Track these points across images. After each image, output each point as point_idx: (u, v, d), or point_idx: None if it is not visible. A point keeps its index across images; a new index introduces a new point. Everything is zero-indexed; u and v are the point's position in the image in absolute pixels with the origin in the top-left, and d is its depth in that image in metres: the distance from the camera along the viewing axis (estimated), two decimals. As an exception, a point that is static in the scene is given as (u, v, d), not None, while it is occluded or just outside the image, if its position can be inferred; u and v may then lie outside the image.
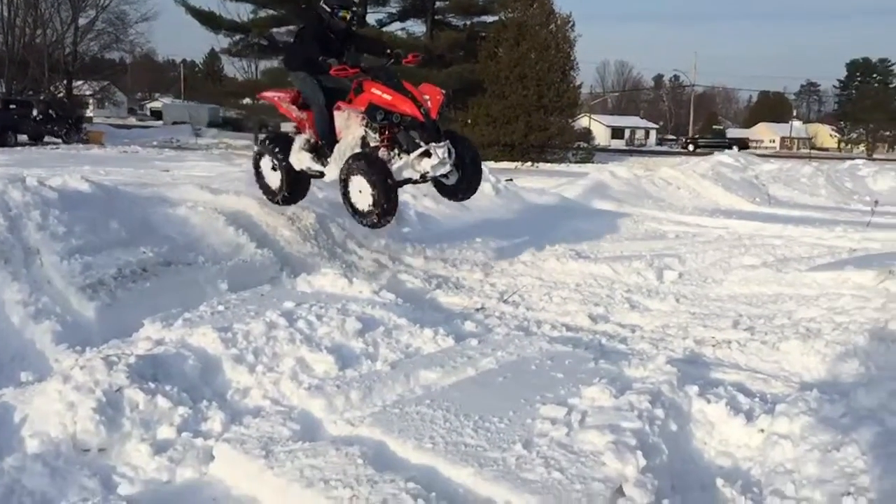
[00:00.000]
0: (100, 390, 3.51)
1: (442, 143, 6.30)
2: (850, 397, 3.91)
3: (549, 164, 32.50)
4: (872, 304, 5.92)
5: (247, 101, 39.43)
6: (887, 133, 68.03)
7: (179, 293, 5.50)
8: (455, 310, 6.28)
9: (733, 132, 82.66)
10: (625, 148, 54.45)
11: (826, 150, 69.04)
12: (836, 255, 8.23)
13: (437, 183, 6.89)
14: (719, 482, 3.22)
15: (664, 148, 60.87)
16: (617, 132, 76.90)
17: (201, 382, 3.96)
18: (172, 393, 3.67)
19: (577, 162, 34.45)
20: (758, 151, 45.41)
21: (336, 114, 6.67)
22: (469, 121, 32.61)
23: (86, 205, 6.25)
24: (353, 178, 6.28)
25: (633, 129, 79.58)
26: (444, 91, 6.47)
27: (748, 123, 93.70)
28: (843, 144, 71.33)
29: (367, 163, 6.22)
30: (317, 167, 6.98)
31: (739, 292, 6.91)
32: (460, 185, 6.81)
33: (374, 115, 6.23)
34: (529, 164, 31.88)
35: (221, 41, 40.01)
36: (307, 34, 6.97)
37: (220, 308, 4.97)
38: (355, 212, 6.44)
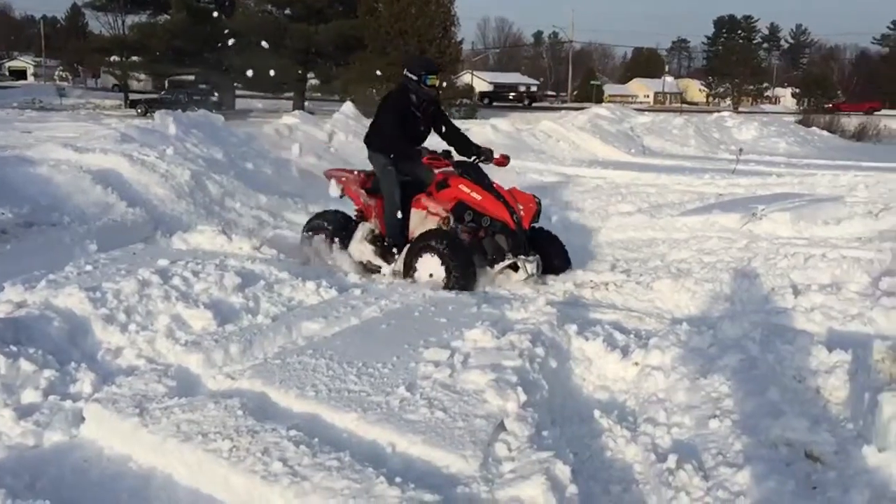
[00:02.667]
0: (-45, 356, 3.28)
1: (532, 258, 5.59)
2: (717, 329, 4.14)
3: (432, 121, 32.41)
4: (737, 245, 6.29)
5: (114, 58, 37.39)
6: (751, 87, 71.35)
7: (43, 255, 5.22)
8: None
9: (610, 88, 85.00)
10: (506, 104, 54.97)
11: (696, 104, 71.86)
12: (704, 201, 8.65)
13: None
14: (597, 413, 3.34)
15: (545, 104, 62.05)
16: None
17: (69, 344, 3.77)
18: (37, 356, 3.48)
19: (460, 118, 34.50)
20: (633, 106, 46.87)
21: (413, 211, 5.84)
22: (353, 78, 32.01)
23: (-67, 165, 5.80)
24: (424, 256, 5.49)
25: (516, 86, 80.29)
26: (538, 199, 5.79)
27: (624, 79, 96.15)
28: (711, 98, 74.37)
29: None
30: (378, 262, 6.00)
31: (616, 238, 7.18)
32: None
33: (462, 215, 5.53)
34: (413, 120, 31.69)
35: (84, -6, 37.66)
36: (392, 112, 5.90)
37: (88, 268, 4.74)
38: None
